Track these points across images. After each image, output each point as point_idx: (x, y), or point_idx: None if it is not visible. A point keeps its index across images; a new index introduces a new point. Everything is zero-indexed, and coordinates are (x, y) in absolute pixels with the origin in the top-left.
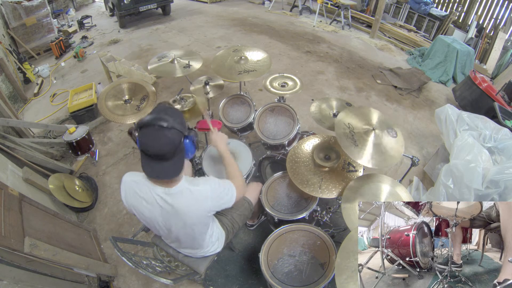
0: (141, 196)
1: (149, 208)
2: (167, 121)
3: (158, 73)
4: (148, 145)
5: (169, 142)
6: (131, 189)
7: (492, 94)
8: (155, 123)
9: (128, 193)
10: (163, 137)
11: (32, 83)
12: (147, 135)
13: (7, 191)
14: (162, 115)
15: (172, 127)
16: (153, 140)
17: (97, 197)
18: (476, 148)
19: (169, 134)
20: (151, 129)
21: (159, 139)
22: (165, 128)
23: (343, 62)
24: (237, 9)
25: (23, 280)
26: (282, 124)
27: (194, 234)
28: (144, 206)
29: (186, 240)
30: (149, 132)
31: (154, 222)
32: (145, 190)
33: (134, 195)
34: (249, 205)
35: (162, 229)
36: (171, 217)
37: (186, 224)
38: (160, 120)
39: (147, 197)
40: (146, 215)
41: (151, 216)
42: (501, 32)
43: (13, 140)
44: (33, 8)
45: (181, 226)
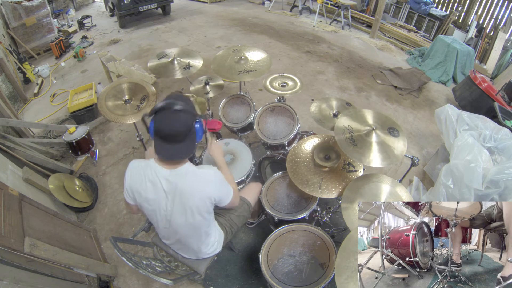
0: (147, 179)
1: (154, 191)
2: (181, 105)
3: (157, 73)
4: (165, 127)
5: (184, 123)
6: (137, 173)
7: (492, 94)
8: (171, 107)
9: (133, 177)
10: (178, 119)
11: (32, 83)
12: (164, 117)
13: (7, 191)
14: (175, 100)
15: (186, 110)
16: (169, 122)
17: (97, 197)
18: (476, 148)
19: (183, 116)
20: (167, 112)
21: (175, 121)
22: (180, 111)
23: (343, 62)
24: (237, 9)
25: (23, 280)
26: (282, 124)
27: (194, 226)
28: (149, 189)
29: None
30: (165, 115)
31: (157, 208)
32: (150, 173)
33: (139, 179)
34: (248, 206)
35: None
36: (174, 200)
37: (187, 208)
38: (175, 104)
39: (153, 180)
40: (150, 198)
41: (155, 200)
42: (501, 32)
43: (13, 140)
44: (33, 8)
45: (181, 211)
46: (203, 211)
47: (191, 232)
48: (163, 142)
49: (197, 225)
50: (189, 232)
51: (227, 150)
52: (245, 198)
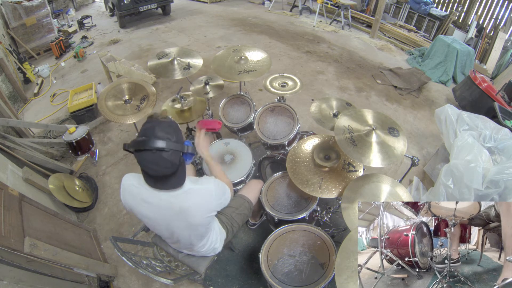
0: (143, 201)
1: (152, 210)
2: (163, 141)
3: (157, 73)
4: (149, 169)
5: (169, 164)
6: (131, 193)
7: (492, 94)
8: (152, 146)
9: (128, 197)
10: (162, 160)
11: (32, 83)
12: (146, 159)
13: (7, 191)
14: (156, 134)
15: (170, 148)
16: (152, 164)
17: (97, 197)
18: (476, 148)
19: (168, 156)
20: (148, 153)
21: (159, 163)
22: (163, 151)
23: (343, 62)
24: (237, 9)
25: (23, 280)
26: (282, 124)
27: (197, 235)
28: (147, 208)
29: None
30: (146, 156)
31: (157, 224)
32: (146, 195)
33: (135, 199)
34: (249, 204)
35: (164, 231)
36: (175, 218)
37: (190, 225)
38: (156, 142)
39: (151, 200)
40: (149, 217)
41: (154, 218)
42: (501, 32)
43: (13, 140)
44: (33, 8)
45: (184, 227)
46: (206, 223)
47: (194, 237)
48: (150, 178)
49: (199, 233)
50: (192, 238)
51: (227, 150)
52: (245, 196)
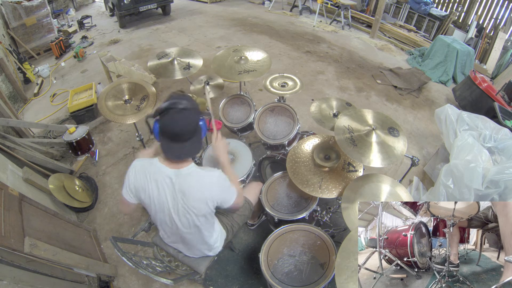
0: (151, 178)
1: (157, 190)
2: (185, 104)
3: (157, 73)
4: (172, 126)
5: (190, 121)
6: (142, 172)
7: (492, 94)
8: (176, 106)
9: (138, 176)
10: (184, 118)
11: (32, 83)
12: (170, 117)
13: (7, 191)
14: (179, 99)
15: (191, 108)
16: (176, 121)
17: (97, 197)
18: (476, 148)
19: (189, 114)
20: (173, 111)
21: (182, 120)
22: (185, 110)
23: (343, 62)
24: (237, 9)
25: (23, 280)
26: (282, 124)
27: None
28: (154, 187)
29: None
30: (171, 114)
31: (160, 207)
32: (155, 172)
33: (144, 178)
34: (249, 205)
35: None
36: (177, 200)
37: (190, 209)
38: (179, 103)
39: (158, 179)
40: (154, 197)
41: (159, 199)
42: (501, 32)
43: (13, 140)
44: (33, 8)
45: (184, 213)
46: (205, 213)
47: (194, 232)
48: (170, 142)
49: (199, 226)
50: (192, 232)
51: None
52: (246, 198)
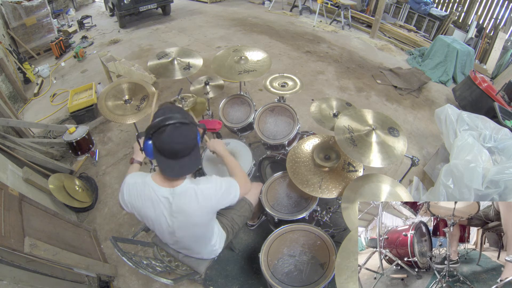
0: (145, 198)
1: (154, 210)
2: (180, 117)
3: (157, 73)
4: (170, 144)
5: (190, 137)
6: (135, 190)
7: (492, 94)
8: (171, 121)
9: (132, 195)
10: (183, 134)
11: (32, 83)
12: (168, 135)
13: (7, 191)
14: (172, 113)
15: (188, 121)
16: (175, 138)
17: (97, 197)
18: (476, 148)
19: (187, 129)
20: (170, 128)
21: (180, 136)
22: (183, 125)
23: (343, 62)
24: (237, 9)
25: (23, 280)
26: (282, 124)
27: (197, 235)
28: (150, 208)
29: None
30: (168, 132)
31: (158, 224)
32: (149, 192)
33: (138, 197)
34: (249, 206)
35: (165, 231)
36: (176, 218)
37: (190, 224)
38: (173, 118)
39: (153, 199)
40: (151, 217)
41: (157, 218)
42: (501, 32)
43: (13, 140)
44: (33, 8)
45: (185, 227)
46: (206, 222)
47: (194, 239)
48: (168, 160)
49: (200, 234)
50: (192, 239)
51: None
52: (246, 198)
